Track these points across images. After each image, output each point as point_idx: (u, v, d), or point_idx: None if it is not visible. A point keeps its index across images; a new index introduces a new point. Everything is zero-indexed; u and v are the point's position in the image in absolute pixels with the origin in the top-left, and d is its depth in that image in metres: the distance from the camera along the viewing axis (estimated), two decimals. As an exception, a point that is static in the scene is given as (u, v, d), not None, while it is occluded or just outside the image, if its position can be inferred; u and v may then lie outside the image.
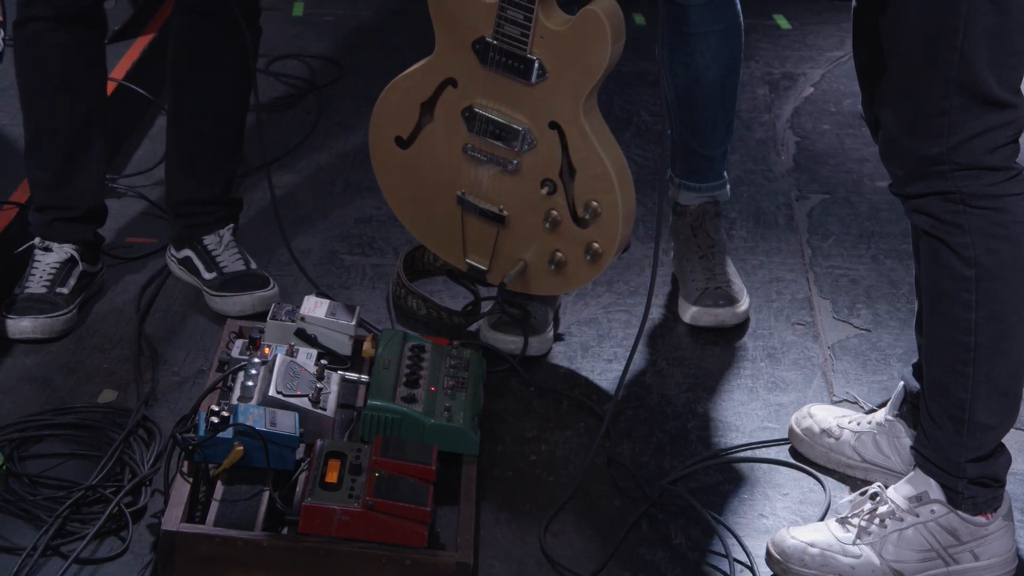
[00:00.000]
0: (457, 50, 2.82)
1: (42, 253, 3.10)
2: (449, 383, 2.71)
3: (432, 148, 2.93)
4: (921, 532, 2.46)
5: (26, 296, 3.05)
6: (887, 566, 2.46)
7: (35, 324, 3.00)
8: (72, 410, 2.80)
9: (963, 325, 2.38)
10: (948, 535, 2.46)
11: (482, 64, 2.80)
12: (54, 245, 3.10)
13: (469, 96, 2.85)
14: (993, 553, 2.47)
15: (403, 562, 2.38)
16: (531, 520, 2.62)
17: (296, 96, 4.06)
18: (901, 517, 2.47)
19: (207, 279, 3.15)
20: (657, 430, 2.87)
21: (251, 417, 2.49)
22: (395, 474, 2.44)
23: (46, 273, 3.08)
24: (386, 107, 2.94)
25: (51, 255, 3.10)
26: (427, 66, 2.87)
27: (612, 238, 2.81)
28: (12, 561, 2.43)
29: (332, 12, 4.55)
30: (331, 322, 2.80)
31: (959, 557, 2.46)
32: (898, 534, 2.47)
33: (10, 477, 2.60)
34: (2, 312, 3.03)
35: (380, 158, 2.99)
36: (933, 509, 2.45)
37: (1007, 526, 2.48)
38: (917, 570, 2.47)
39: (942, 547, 2.46)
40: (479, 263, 2.97)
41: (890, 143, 2.38)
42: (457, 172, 2.92)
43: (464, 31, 2.80)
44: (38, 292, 3.05)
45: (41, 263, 3.09)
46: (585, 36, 2.71)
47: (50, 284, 3.06)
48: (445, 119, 2.89)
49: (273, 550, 2.38)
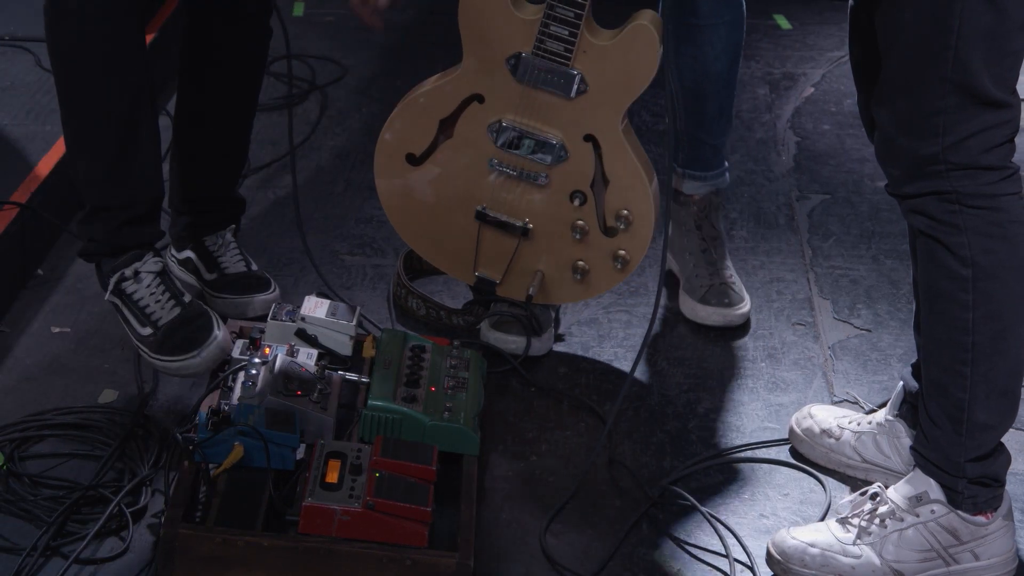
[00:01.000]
0: (488, 66, 2.83)
1: (133, 284, 2.80)
2: (450, 383, 2.71)
3: (448, 164, 2.93)
4: (921, 532, 2.46)
5: (167, 326, 2.76)
6: (887, 566, 2.46)
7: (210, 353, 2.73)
8: (72, 410, 2.79)
9: (961, 325, 2.38)
10: (948, 535, 2.46)
11: (517, 79, 2.81)
12: (139, 267, 2.80)
13: (497, 111, 2.86)
14: (993, 553, 2.47)
15: (403, 562, 2.38)
16: (532, 520, 2.62)
17: (296, 96, 4.06)
18: (901, 517, 2.47)
19: (208, 280, 3.14)
20: (658, 430, 2.87)
21: (251, 417, 2.49)
22: (396, 474, 2.44)
23: (157, 295, 2.79)
24: (400, 124, 2.93)
25: (141, 280, 2.80)
26: (451, 83, 2.87)
27: (642, 245, 2.89)
28: (12, 561, 2.43)
29: (333, 12, 4.55)
30: (331, 322, 2.80)
31: (959, 557, 2.46)
32: (898, 534, 2.47)
33: (10, 477, 2.60)
34: (156, 357, 2.76)
35: (387, 175, 2.97)
36: (933, 509, 2.45)
37: (1007, 526, 2.48)
38: (917, 570, 2.47)
39: (942, 547, 2.46)
40: (490, 275, 2.98)
41: (886, 143, 2.38)
42: (476, 187, 2.92)
43: (498, 47, 2.81)
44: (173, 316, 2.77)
45: (140, 290, 2.79)
46: (634, 50, 2.75)
47: (175, 300, 2.79)
48: (467, 135, 2.90)
49: (273, 550, 2.37)
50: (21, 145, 3.52)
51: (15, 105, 3.73)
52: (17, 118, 3.62)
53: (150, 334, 2.79)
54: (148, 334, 2.80)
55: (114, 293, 2.81)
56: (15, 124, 3.56)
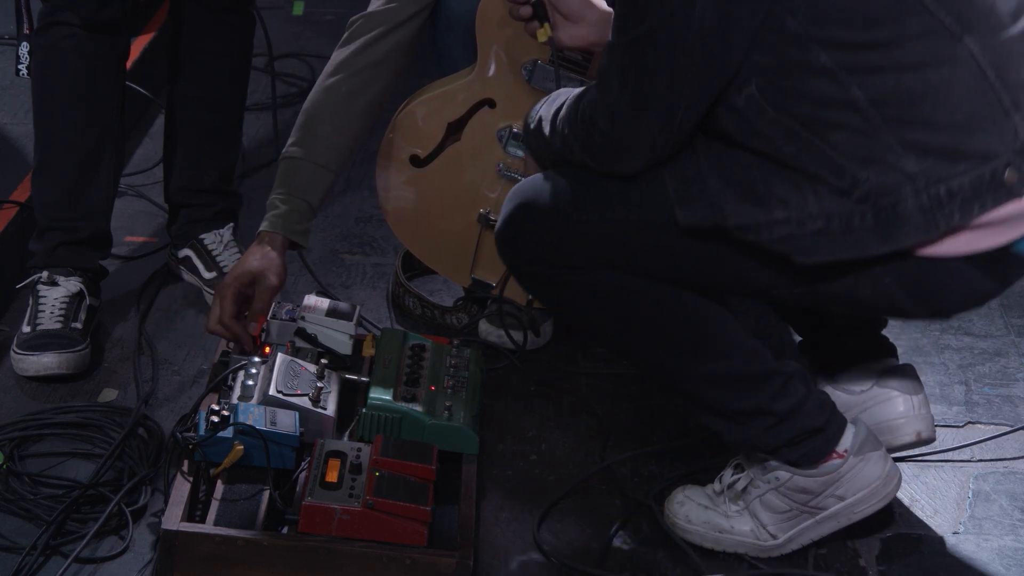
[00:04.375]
0: (501, 72, 2.83)
1: (47, 288, 2.97)
2: (449, 382, 2.71)
3: (453, 167, 2.92)
4: (777, 497, 2.51)
5: (41, 332, 2.91)
6: (761, 528, 2.53)
7: (59, 359, 2.88)
8: (72, 409, 2.80)
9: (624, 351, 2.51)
10: (800, 494, 2.50)
11: (532, 86, 2.81)
12: (60, 279, 2.98)
13: (508, 116, 2.86)
14: (858, 487, 2.49)
15: (403, 561, 2.38)
16: (531, 520, 2.62)
17: (296, 95, 4.06)
18: (757, 485, 2.52)
19: (207, 279, 3.14)
20: (658, 429, 2.86)
21: (251, 416, 2.49)
22: (395, 473, 2.44)
23: (56, 308, 2.95)
24: (407, 125, 2.93)
25: (58, 289, 2.97)
26: (463, 87, 2.87)
27: None
28: (12, 560, 2.43)
29: (332, 11, 4.55)
30: (331, 321, 2.80)
31: (823, 504, 2.50)
32: (759, 500, 2.52)
33: (10, 476, 2.61)
34: (15, 350, 2.91)
35: (389, 176, 2.97)
36: (778, 476, 2.50)
37: (865, 458, 2.49)
38: (789, 527, 2.52)
39: (800, 504, 2.51)
40: (487, 279, 2.98)
41: None
42: (481, 191, 2.92)
43: (514, 54, 2.81)
44: (53, 328, 2.92)
45: (48, 298, 2.96)
46: None
47: (63, 319, 2.94)
48: (474, 139, 2.90)
49: (273, 549, 2.38)
50: (21, 145, 3.52)
51: (15, 104, 3.73)
52: (17, 117, 3.63)
53: (214, 277, 3.11)
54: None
55: (28, 286, 3.01)
56: (15, 123, 3.56)
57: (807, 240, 2.25)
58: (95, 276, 3.06)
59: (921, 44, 2.19)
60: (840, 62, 2.18)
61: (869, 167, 2.20)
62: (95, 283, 3.06)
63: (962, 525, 2.66)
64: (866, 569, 2.54)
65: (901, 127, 2.20)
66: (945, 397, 2.98)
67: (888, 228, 2.22)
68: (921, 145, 2.20)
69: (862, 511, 2.51)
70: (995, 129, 2.22)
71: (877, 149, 2.20)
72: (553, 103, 2.46)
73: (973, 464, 2.81)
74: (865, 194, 2.21)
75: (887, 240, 2.23)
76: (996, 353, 3.12)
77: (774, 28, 2.18)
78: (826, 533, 2.53)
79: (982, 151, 2.21)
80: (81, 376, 2.91)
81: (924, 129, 2.20)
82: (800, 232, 2.25)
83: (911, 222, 2.22)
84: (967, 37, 2.20)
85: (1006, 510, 2.69)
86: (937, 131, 2.20)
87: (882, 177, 2.20)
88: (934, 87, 2.19)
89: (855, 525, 2.55)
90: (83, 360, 2.92)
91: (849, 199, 2.21)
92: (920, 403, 2.72)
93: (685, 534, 2.56)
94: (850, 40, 2.18)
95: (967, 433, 2.88)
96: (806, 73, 2.19)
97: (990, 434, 2.87)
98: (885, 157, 2.20)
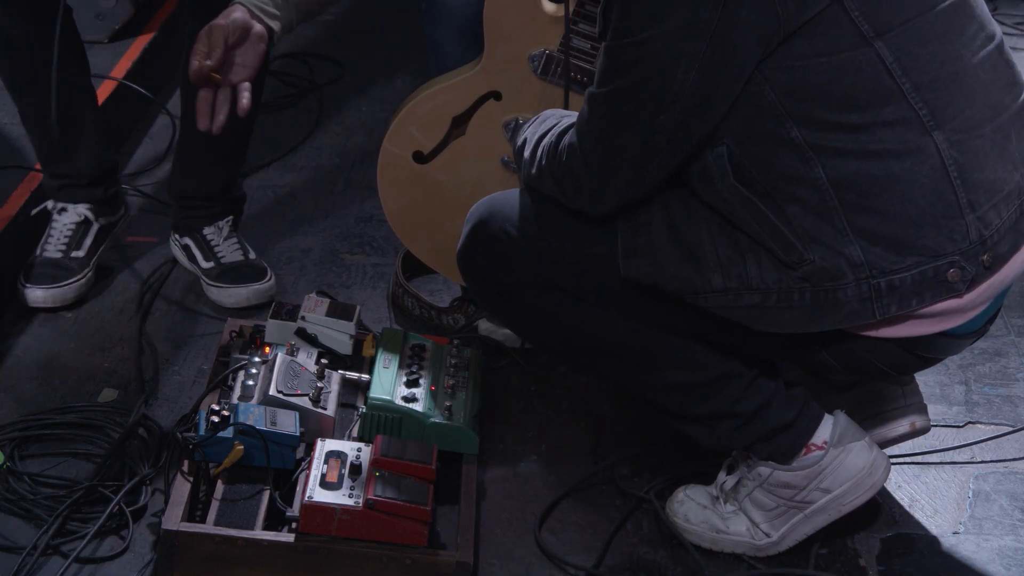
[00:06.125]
0: (509, 63, 2.82)
1: (58, 214, 3.16)
2: (449, 382, 2.71)
3: (457, 162, 2.91)
4: (763, 494, 2.52)
5: (42, 261, 3.12)
6: (755, 527, 2.54)
7: (47, 294, 3.07)
8: (72, 409, 2.80)
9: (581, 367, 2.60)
10: (784, 489, 2.50)
11: (540, 77, 2.80)
12: (69, 205, 3.16)
13: (515, 109, 2.85)
14: (843, 479, 2.49)
15: (403, 561, 2.38)
16: (532, 519, 2.62)
17: (296, 95, 4.06)
18: (745, 483, 2.53)
19: (205, 268, 3.16)
20: (658, 429, 2.86)
21: (251, 416, 2.49)
22: (395, 473, 2.44)
23: (62, 236, 3.14)
24: (411, 120, 2.91)
25: (66, 215, 3.15)
26: (469, 80, 2.86)
27: None
28: (12, 560, 2.43)
29: (332, 11, 4.55)
30: (331, 321, 2.80)
31: (809, 498, 2.50)
32: (749, 499, 2.53)
33: (10, 476, 2.61)
34: (20, 281, 3.09)
35: (391, 172, 2.95)
36: (760, 472, 2.51)
37: (846, 449, 2.49)
38: (780, 524, 2.53)
39: (786, 500, 2.51)
40: None
41: None
42: (486, 185, 2.90)
43: (521, 44, 2.80)
44: (54, 257, 3.12)
45: (58, 224, 3.15)
46: None
47: (66, 247, 3.13)
48: (480, 132, 2.88)
49: (273, 549, 2.38)
50: (21, 145, 3.52)
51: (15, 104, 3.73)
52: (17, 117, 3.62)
53: (211, 267, 3.17)
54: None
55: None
56: (15, 123, 3.56)
57: (740, 312, 2.29)
58: (105, 199, 3.21)
59: (891, 132, 2.20)
60: (809, 140, 2.20)
61: (817, 248, 2.23)
62: (107, 204, 3.21)
63: (962, 525, 2.66)
64: (866, 569, 2.55)
65: (855, 212, 2.21)
66: (945, 397, 2.98)
67: (824, 310, 2.25)
68: (871, 233, 2.22)
69: (850, 502, 2.51)
70: (946, 226, 2.23)
71: (828, 231, 2.22)
72: (540, 125, 2.48)
73: (973, 464, 2.81)
74: (809, 273, 2.24)
75: (820, 321, 2.27)
76: (996, 353, 3.12)
77: (753, 95, 2.20)
78: (819, 527, 2.52)
79: (930, 247, 2.23)
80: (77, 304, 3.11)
81: (877, 218, 2.22)
82: (735, 304, 2.28)
83: (847, 308, 2.24)
84: (936, 132, 2.22)
85: (1006, 510, 2.69)
86: (889, 221, 2.22)
87: (827, 261, 2.23)
88: (895, 177, 2.21)
89: (855, 524, 2.55)
90: (76, 292, 3.11)
91: (793, 273, 2.25)
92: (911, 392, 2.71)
93: (684, 534, 2.57)
94: (824, 119, 2.20)
95: (967, 433, 2.88)
96: (776, 144, 2.22)
97: (990, 434, 2.87)
98: (834, 241, 2.22)
